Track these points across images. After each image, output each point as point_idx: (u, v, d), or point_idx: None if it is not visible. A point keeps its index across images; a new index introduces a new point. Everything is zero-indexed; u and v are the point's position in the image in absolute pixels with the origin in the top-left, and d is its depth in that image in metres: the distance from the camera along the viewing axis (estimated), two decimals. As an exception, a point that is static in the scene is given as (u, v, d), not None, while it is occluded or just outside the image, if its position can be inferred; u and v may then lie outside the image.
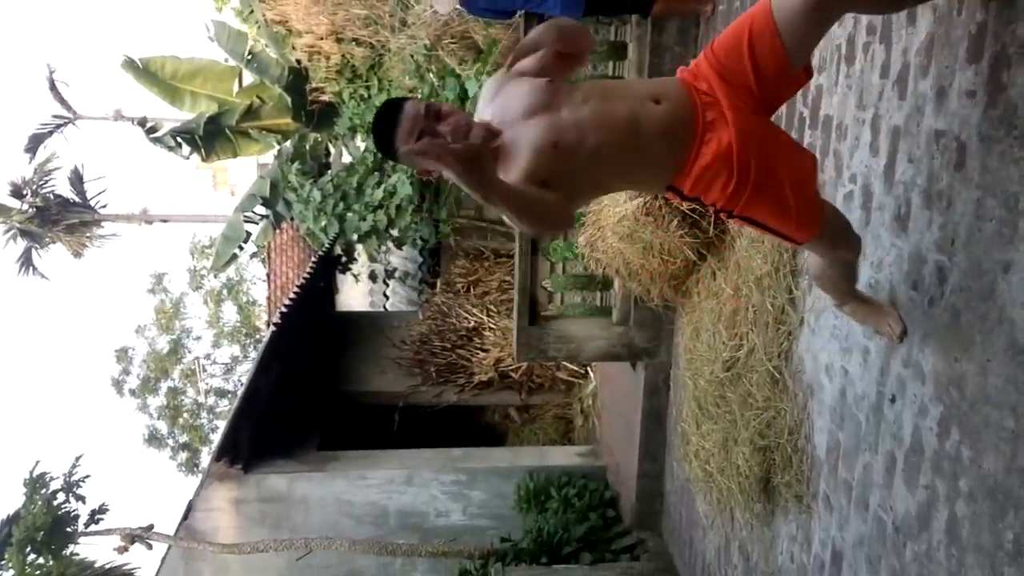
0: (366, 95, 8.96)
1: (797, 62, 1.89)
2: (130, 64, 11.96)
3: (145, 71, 12.02)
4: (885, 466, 2.58)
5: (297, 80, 10.28)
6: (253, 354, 23.78)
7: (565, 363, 7.55)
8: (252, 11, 10.96)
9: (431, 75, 7.93)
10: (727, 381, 3.92)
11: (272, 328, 7.30)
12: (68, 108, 15.82)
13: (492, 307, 7.81)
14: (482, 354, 7.44)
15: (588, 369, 7.71)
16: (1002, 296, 1.99)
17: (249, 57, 10.81)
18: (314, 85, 10.29)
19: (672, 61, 4.79)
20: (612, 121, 1.83)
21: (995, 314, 2.01)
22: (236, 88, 12.20)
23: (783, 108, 3.64)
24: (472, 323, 7.60)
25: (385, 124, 1.80)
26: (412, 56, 8.05)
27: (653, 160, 1.89)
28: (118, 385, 23.44)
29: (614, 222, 4.48)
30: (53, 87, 15.60)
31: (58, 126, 15.49)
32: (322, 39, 8.66)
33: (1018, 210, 1.93)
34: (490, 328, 7.52)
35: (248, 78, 11.98)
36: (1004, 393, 1.97)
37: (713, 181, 1.88)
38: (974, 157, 2.12)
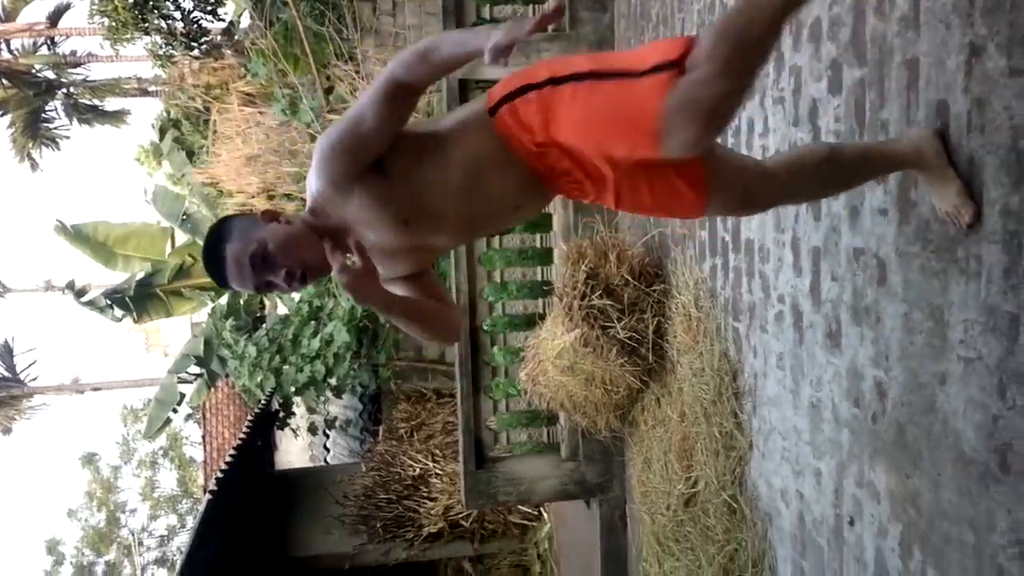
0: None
1: None
2: (63, 229, 11.89)
3: (78, 235, 11.96)
4: (854, 594, 2.46)
5: (230, 237, 10.30)
6: (191, 523, 22.51)
7: (518, 506, 7.27)
8: (184, 175, 11.09)
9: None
10: (684, 514, 3.79)
11: (208, 496, 6.85)
12: (-3, 283, 15.50)
13: (437, 451, 7.56)
14: (430, 503, 7.11)
15: (542, 511, 7.43)
16: (943, 408, 1.97)
17: (184, 218, 10.86)
18: (247, 241, 10.29)
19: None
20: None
21: (939, 427, 1.99)
22: (169, 249, 12.17)
23: (706, 234, 3.74)
24: (417, 470, 7.31)
25: (215, 265, 1.63)
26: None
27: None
28: (50, 577, 22.07)
29: (553, 355, 4.43)
30: (-19, 262, 15.39)
31: (-16, 301, 15.12)
32: (253, 197, 8.75)
33: (945, 322, 1.94)
34: (436, 474, 7.23)
35: (181, 238, 11.98)
36: (959, 507, 1.92)
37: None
38: (895, 272, 2.16)
